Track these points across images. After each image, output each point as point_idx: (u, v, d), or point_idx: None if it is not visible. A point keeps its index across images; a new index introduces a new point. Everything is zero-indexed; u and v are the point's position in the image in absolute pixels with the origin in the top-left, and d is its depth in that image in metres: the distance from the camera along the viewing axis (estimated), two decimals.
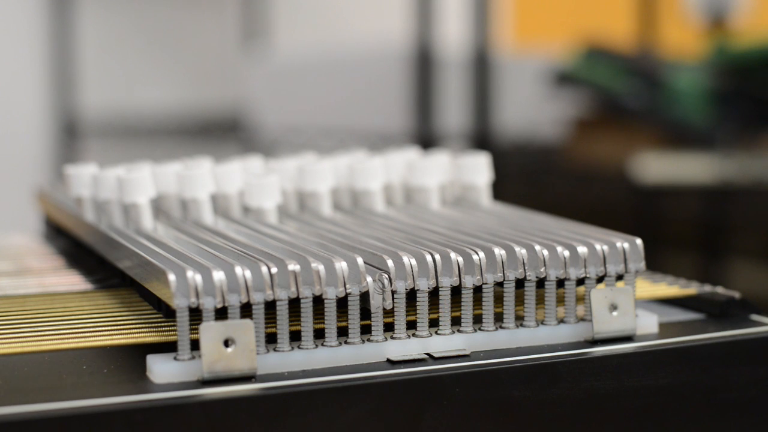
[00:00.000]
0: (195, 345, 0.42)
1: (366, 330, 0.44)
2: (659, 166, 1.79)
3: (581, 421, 0.44)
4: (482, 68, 1.67)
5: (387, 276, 0.44)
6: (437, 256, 0.44)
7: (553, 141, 2.08)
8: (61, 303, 0.54)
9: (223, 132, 2.41)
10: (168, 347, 0.45)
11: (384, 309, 0.44)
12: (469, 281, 0.44)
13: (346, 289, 0.43)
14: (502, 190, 0.66)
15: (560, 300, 0.46)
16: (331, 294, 0.43)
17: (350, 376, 0.42)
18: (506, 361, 0.43)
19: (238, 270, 0.42)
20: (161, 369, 0.42)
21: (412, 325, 0.44)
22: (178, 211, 0.59)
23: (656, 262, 0.61)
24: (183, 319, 0.42)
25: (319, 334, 0.45)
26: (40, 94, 2.33)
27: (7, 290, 0.57)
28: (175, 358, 0.42)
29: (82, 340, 0.47)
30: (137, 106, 2.40)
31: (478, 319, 0.45)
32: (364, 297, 0.44)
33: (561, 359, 0.43)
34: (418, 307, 0.44)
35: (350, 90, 1.83)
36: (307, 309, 0.43)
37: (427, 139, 1.61)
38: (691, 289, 0.51)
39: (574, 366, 0.43)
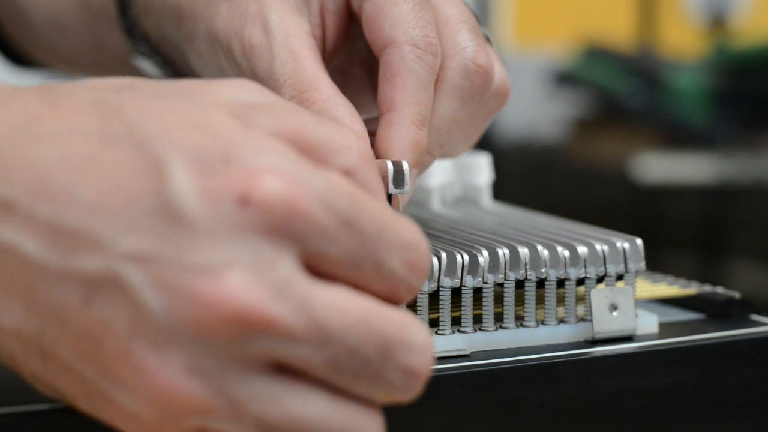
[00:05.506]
0: None
1: None
2: (659, 166, 1.80)
3: (581, 421, 0.44)
4: None
5: None
6: (441, 256, 0.44)
7: (554, 141, 2.08)
8: None
9: None
10: None
11: None
12: (470, 282, 0.44)
13: None
14: (502, 190, 0.66)
15: (560, 300, 0.46)
16: None
17: None
18: (506, 361, 0.43)
19: None
20: None
21: None
22: None
23: (656, 262, 0.62)
24: None
25: None
26: None
27: None
28: None
29: None
30: None
31: (477, 320, 0.45)
32: None
33: (561, 359, 0.43)
34: (418, 308, 0.44)
35: None
36: None
37: None
38: (691, 289, 0.51)
39: (575, 366, 0.43)
